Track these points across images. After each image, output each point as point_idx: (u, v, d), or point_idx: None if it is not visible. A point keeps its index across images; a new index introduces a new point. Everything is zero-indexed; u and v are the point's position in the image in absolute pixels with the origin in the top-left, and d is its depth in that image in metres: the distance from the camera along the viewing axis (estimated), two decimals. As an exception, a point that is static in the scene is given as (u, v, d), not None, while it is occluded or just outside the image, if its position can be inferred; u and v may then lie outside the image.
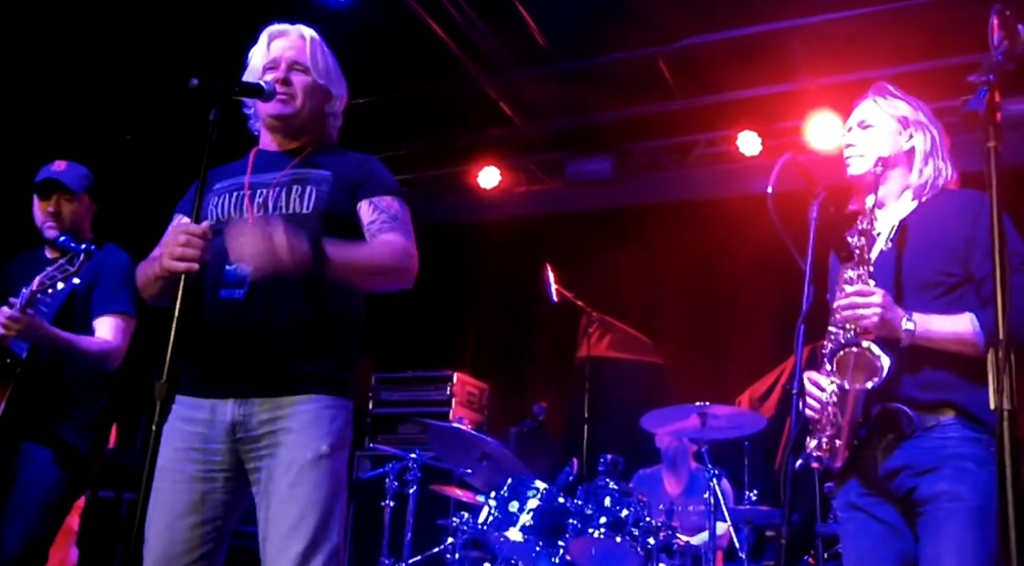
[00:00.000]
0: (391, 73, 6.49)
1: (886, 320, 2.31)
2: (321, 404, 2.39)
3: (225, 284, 2.41)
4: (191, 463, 2.38)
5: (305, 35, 2.64)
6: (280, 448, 2.34)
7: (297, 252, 2.21)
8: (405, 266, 2.47)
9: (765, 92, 6.25)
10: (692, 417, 4.55)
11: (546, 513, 4.27)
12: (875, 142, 2.58)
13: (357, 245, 2.46)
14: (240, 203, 2.51)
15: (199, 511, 2.36)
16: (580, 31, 6.02)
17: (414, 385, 6.62)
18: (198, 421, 2.39)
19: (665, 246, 7.20)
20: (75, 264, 3.07)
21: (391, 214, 2.53)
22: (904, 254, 2.48)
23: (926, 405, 2.34)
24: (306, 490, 2.31)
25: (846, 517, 2.51)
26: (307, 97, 2.57)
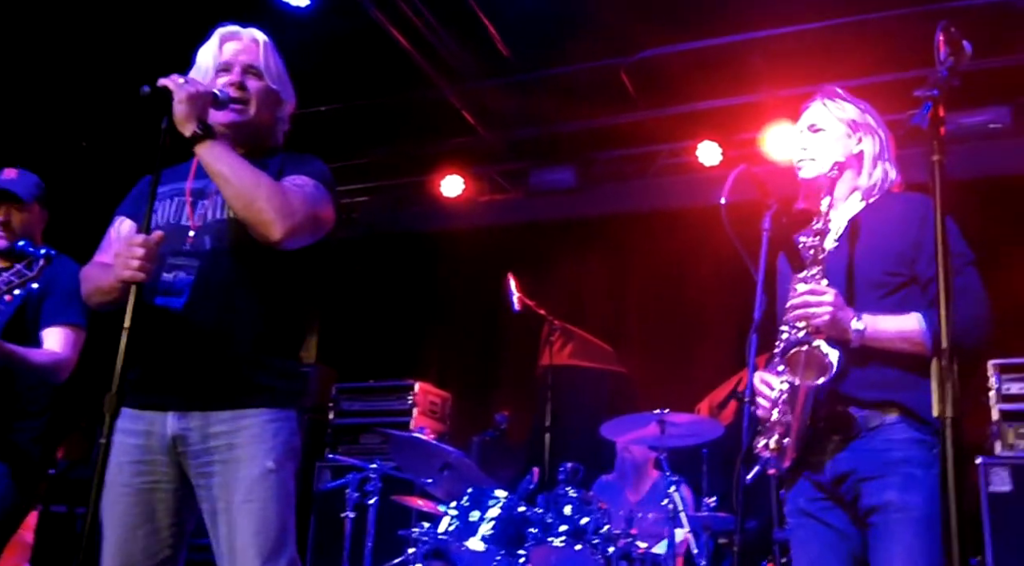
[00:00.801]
0: (354, 81, 6.49)
1: (837, 319, 2.34)
2: (264, 418, 2.36)
3: (163, 292, 2.37)
4: (136, 476, 2.35)
5: (258, 38, 2.60)
6: (226, 465, 2.32)
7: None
8: (280, 203, 2.30)
9: (725, 103, 6.31)
10: (651, 425, 4.58)
11: (507, 522, 4.27)
12: (826, 146, 2.61)
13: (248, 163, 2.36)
14: (181, 210, 2.48)
15: (153, 519, 2.35)
16: (543, 41, 6.05)
17: (376, 395, 6.60)
18: (138, 433, 2.36)
19: (628, 255, 7.25)
20: (34, 269, 3.00)
21: (296, 183, 2.43)
22: (852, 253, 2.51)
23: (872, 404, 2.37)
24: (258, 506, 2.29)
25: (796, 523, 2.52)
26: (260, 104, 2.54)
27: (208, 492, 2.33)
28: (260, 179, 2.33)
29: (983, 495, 4.76)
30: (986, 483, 4.77)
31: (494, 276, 6.24)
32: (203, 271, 2.39)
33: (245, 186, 2.30)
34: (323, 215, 2.44)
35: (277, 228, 2.29)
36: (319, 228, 2.43)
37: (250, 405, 2.36)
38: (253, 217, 2.30)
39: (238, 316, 2.39)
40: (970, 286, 2.38)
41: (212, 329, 2.36)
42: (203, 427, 2.34)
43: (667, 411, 4.52)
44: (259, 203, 2.29)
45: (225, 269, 2.40)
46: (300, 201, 2.36)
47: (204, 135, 2.32)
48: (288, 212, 2.31)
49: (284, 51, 2.70)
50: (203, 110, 2.34)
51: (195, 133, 2.31)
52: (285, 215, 2.30)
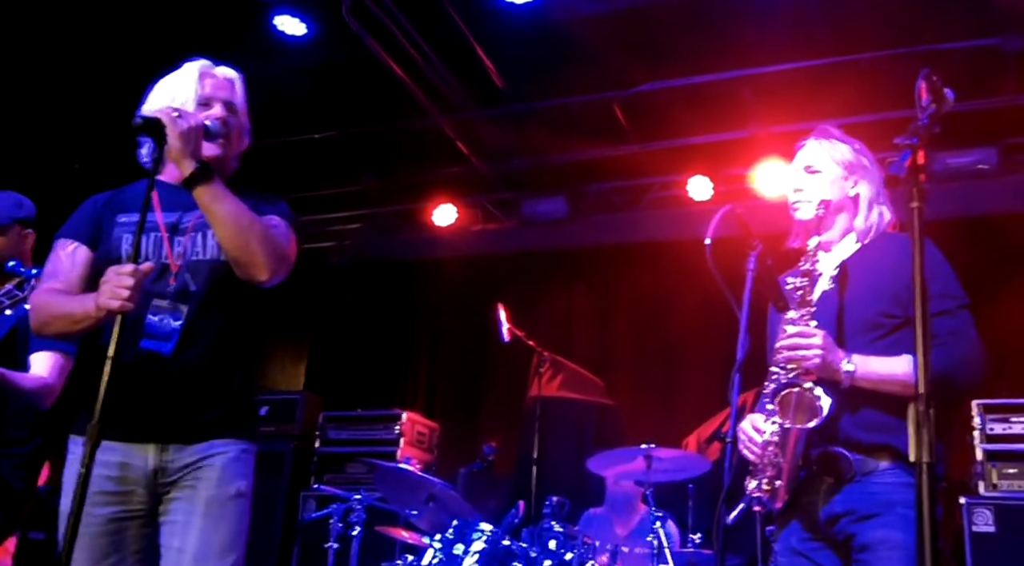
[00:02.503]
0: (349, 109, 6.53)
1: (827, 362, 2.34)
2: (238, 447, 2.42)
3: (150, 335, 2.38)
4: (104, 506, 2.35)
5: (231, 76, 2.62)
6: (200, 483, 2.35)
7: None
8: (271, 246, 2.36)
9: (716, 139, 6.37)
10: (638, 459, 4.57)
11: (491, 556, 4.23)
12: (822, 187, 2.63)
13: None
14: (159, 246, 2.45)
15: (120, 549, 2.36)
16: (537, 74, 6.12)
17: (363, 424, 6.57)
18: (111, 465, 2.36)
19: (618, 287, 7.28)
20: (25, 290, 2.98)
21: (272, 223, 2.48)
22: (846, 295, 2.52)
23: (865, 447, 2.37)
24: (227, 525, 2.34)
25: (787, 562, 2.51)
26: (236, 140, 2.58)
27: (176, 505, 2.36)
28: (254, 221, 2.37)
29: (967, 535, 4.75)
30: (970, 523, 4.76)
31: (483, 305, 6.25)
32: (191, 317, 2.40)
33: (241, 228, 2.33)
34: (292, 255, 2.50)
35: (265, 269, 2.36)
36: (289, 267, 2.48)
37: (225, 436, 2.41)
38: (245, 259, 2.35)
39: (217, 356, 2.43)
40: (963, 329, 2.40)
41: (201, 374, 2.40)
42: (182, 457, 2.37)
43: (654, 446, 4.51)
44: (252, 245, 2.34)
45: (204, 311, 2.42)
46: (284, 245, 2.44)
47: (203, 175, 2.32)
48: (277, 255, 2.38)
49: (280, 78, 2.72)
50: (197, 146, 2.34)
51: (193, 173, 2.31)
52: (274, 258, 2.37)
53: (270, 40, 5.58)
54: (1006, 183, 5.97)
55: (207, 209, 2.34)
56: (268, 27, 5.54)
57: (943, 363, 2.25)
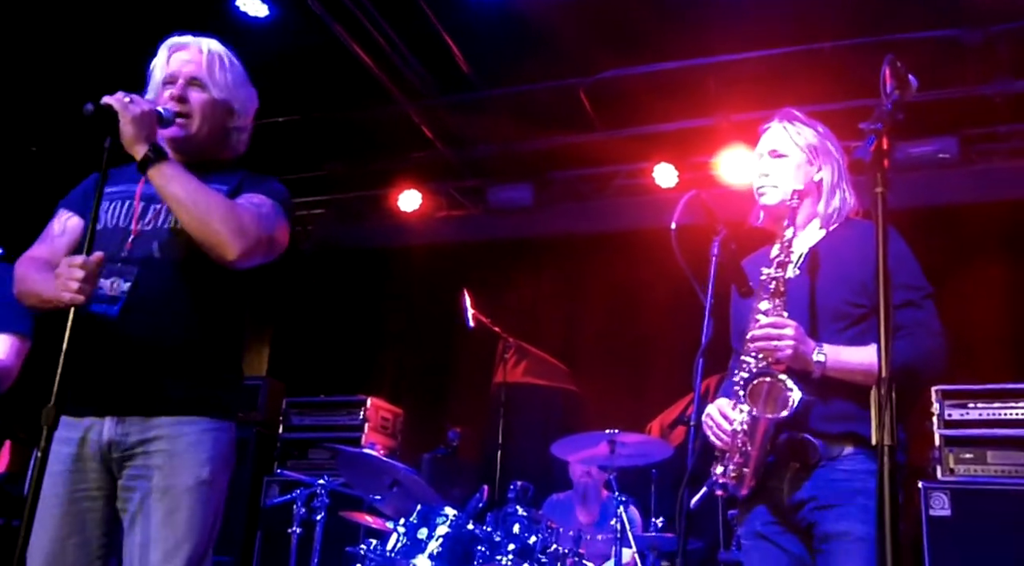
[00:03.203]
0: (313, 93, 6.47)
1: (799, 353, 2.35)
2: (202, 427, 2.35)
3: (99, 298, 2.33)
4: (66, 484, 2.31)
5: (204, 48, 2.55)
6: (158, 471, 2.29)
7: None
8: (235, 224, 2.29)
9: (682, 126, 6.39)
10: (602, 444, 4.58)
11: (455, 540, 4.23)
12: (788, 172, 2.63)
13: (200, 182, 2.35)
14: (129, 214, 2.45)
15: (83, 531, 2.31)
16: (503, 60, 6.09)
17: (326, 410, 6.55)
18: (71, 441, 2.32)
19: (583, 275, 7.29)
20: None
21: (254, 202, 2.43)
22: (813, 283, 2.53)
23: (832, 436, 2.39)
24: (185, 515, 2.27)
25: (751, 545, 2.53)
26: (204, 117, 2.50)
27: (134, 495, 2.30)
28: (213, 200, 2.32)
29: (923, 519, 4.83)
30: (927, 507, 4.85)
31: (449, 292, 6.24)
32: (141, 278, 2.36)
33: (199, 208, 2.29)
34: (278, 237, 2.43)
35: (232, 249, 2.28)
36: (273, 249, 2.42)
37: (189, 413, 2.34)
38: (208, 239, 2.29)
39: (175, 325, 2.36)
40: (927, 320, 2.43)
41: (148, 337, 2.33)
42: (140, 431, 2.31)
43: (617, 431, 4.53)
44: (214, 225, 2.28)
45: (163, 278, 2.38)
46: (254, 221, 2.35)
47: (156, 157, 2.29)
48: (241, 232, 2.30)
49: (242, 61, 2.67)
50: (151, 131, 2.32)
51: (146, 156, 2.29)
52: (239, 235, 2.29)
53: (232, 22, 5.51)
54: (966, 173, 6.06)
55: (162, 191, 2.31)
56: (230, 8, 5.47)
57: (909, 354, 2.28)
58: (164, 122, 2.41)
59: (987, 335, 5.66)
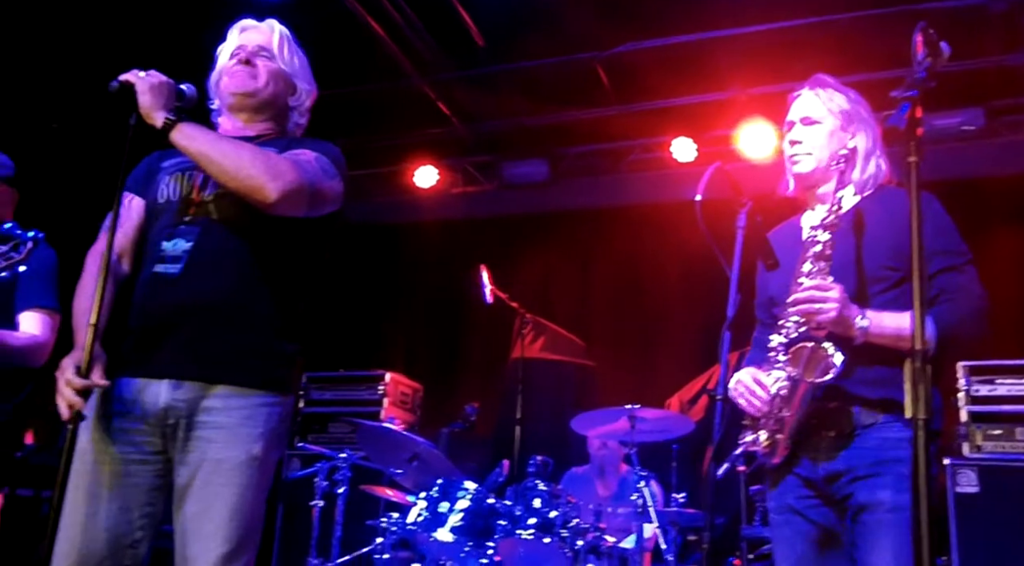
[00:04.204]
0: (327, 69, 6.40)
1: (842, 316, 2.31)
2: (259, 401, 2.31)
3: (160, 259, 2.35)
4: (113, 447, 2.28)
5: (274, 27, 2.64)
6: (211, 443, 2.26)
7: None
8: (265, 165, 2.26)
9: (699, 100, 6.34)
10: (621, 420, 4.58)
11: (475, 514, 4.26)
12: (821, 140, 2.59)
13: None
14: (188, 183, 2.45)
15: (123, 497, 2.27)
16: (519, 34, 6.04)
17: (346, 384, 6.56)
18: (125, 401, 2.29)
19: (599, 250, 7.28)
20: (21, 252, 2.95)
21: (295, 154, 2.41)
22: (850, 247, 2.49)
23: (866, 401, 2.36)
24: (236, 491, 2.24)
25: (781, 520, 2.50)
26: (271, 79, 2.54)
27: (186, 468, 2.27)
28: (241, 146, 2.31)
29: (950, 496, 4.80)
30: (954, 484, 4.82)
31: (465, 268, 6.23)
32: (201, 240, 2.35)
33: (226, 156, 2.27)
34: (324, 188, 2.38)
35: (269, 190, 2.24)
36: (317, 201, 2.37)
37: (247, 384, 2.31)
38: (243, 184, 2.26)
39: (235, 288, 2.34)
40: (968, 284, 2.41)
41: (207, 297, 2.32)
42: (196, 400, 2.28)
43: (638, 406, 4.53)
44: (245, 169, 2.25)
45: (223, 241, 2.36)
46: (291, 167, 2.30)
47: (175, 120, 2.29)
48: (277, 174, 2.25)
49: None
50: (168, 99, 2.32)
51: (166, 121, 2.28)
52: (274, 177, 2.24)
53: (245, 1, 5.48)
54: (992, 145, 5.98)
55: (188, 151, 2.30)
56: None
57: (951, 318, 2.27)
58: (186, 99, 2.41)
59: (1013, 310, 5.59)
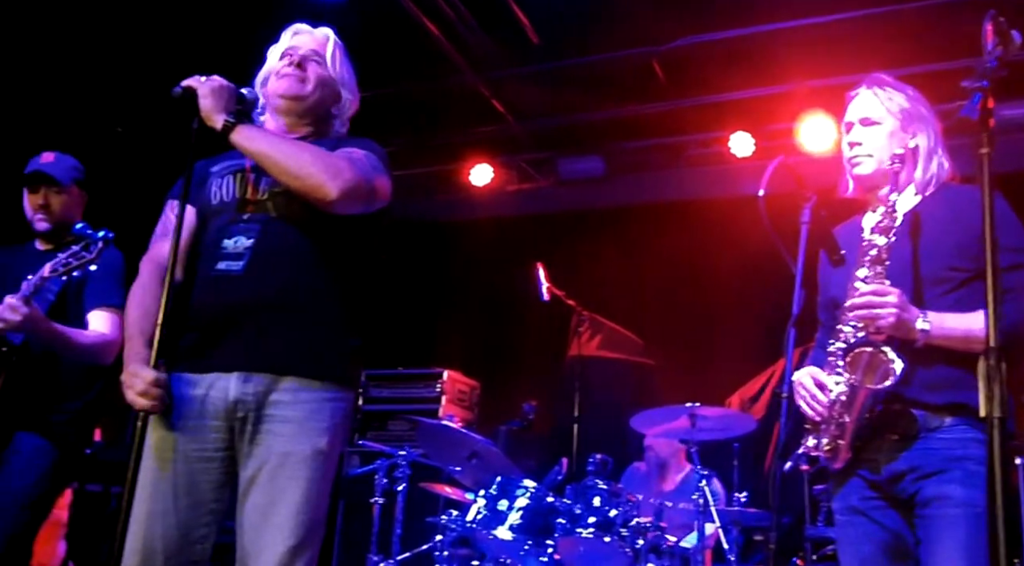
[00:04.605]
0: (383, 69, 6.47)
1: (902, 320, 2.28)
2: (325, 395, 2.34)
3: (222, 257, 2.38)
4: (182, 443, 2.31)
5: (329, 36, 2.67)
6: (279, 437, 2.28)
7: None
8: (325, 164, 2.31)
9: (758, 93, 6.25)
10: (682, 418, 4.55)
11: (535, 512, 4.27)
12: (881, 141, 2.55)
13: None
14: (242, 184, 2.49)
15: (193, 493, 2.30)
16: (573, 30, 6.02)
17: (404, 382, 6.61)
18: (193, 398, 2.32)
19: (655, 246, 7.22)
20: (92, 251, 3.04)
21: (347, 152, 2.44)
22: (913, 248, 2.45)
23: (933, 406, 2.32)
24: (303, 484, 2.27)
25: (846, 521, 2.48)
26: (318, 83, 2.57)
27: (253, 461, 2.29)
28: (301, 146, 2.36)
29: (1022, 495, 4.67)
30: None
31: (521, 265, 6.24)
32: (262, 237, 2.38)
33: (287, 157, 2.32)
34: (377, 184, 2.42)
35: (330, 189, 2.28)
36: (373, 197, 2.41)
37: (314, 377, 2.34)
38: (304, 183, 2.30)
39: (298, 283, 2.38)
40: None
41: (271, 292, 2.35)
42: (265, 393, 2.30)
43: (698, 405, 4.48)
44: (306, 168, 2.29)
45: (285, 235, 2.39)
46: (348, 165, 2.34)
47: (235, 121, 2.34)
48: (337, 173, 2.29)
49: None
50: (228, 102, 2.36)
51: (226, 123, 2.33)
52: (335, 176, 2.29)
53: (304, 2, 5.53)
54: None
55: (248, 151, 2.34)
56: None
57: (1017, 317, 2.21)
58: (247, 103, 2.46)
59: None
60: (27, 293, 3.06)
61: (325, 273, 2.41)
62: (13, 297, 3.05)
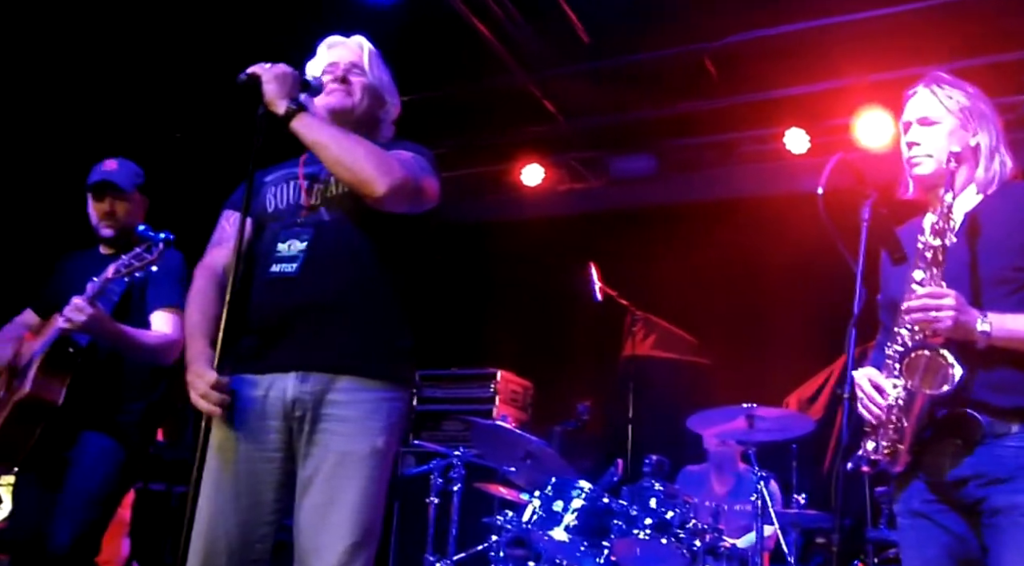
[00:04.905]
0: (433, 70, 6.50)
1: (960, 323, 2.22)
2: (381, 395, 2.38)
3: (276, 260, 2.44)
4: (243, 443, 2.35)
5: (362, 44, 2.73)
6: (337, 436, 2.32)
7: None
8: (378, 160, 2.35)
9: (813, 89, 6.15)
10: (739, 419, 4.50)
11: (590, 513, 4.25)
12: (940, 140, 2.50)
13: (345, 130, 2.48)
14: (296, 191, 2.55)
15: (254, 492, 2.34)
16: (624, 28, 5.98)
17: (458, 382, 6.63)
18: (253, 399, 2.37)
19: (709, 244, 7.14)
20: (153, 252, 3.11)
21: (396, 153, 2.49)
22: (972, 249, 2.40)
23: (998, 410, 2.26)
24: (361, 483, 2.30)
25: (908, 524, 2.43)
26: (364, 95, 2.62)
27: (311, 460, 2.33)
28: (356, 139, 2.41)
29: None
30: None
31: (572, 265, 6.22)
32: (315, 239, 2.44)
33: (342, 147, 2.36)
34: (424, 184, 2.46)
35: (379, 184, 2.32)
36: (420, 197, 2.46)
37: (370, 376, 2.37)
38: (354, 175, 2.35)
39: (351, 283, 2.42)
40: None
41: (326, 293, 2.39)
42: (323, 392, 2.34)
43: (755, 405, 4.43)
44: (359, 162, 2.34)
45: (338, 237, 2.45)
46: (399, 164, 2.40)
47: (297, 109, 2.38)
48: (387, 169, 2.35)
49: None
50: (292, 89, 2.42)
51: (288, 109, 2.37)
52: (385, 172, 2.34)
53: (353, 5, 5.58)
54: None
55: (305, 139, 2.39)
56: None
57: None
58: (312, 89, 2.53)
59: None
60: (92, 294, 3.13)
61: (378, 274, 2.45)
62: (79, 298, 3.12)
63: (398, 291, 2.49)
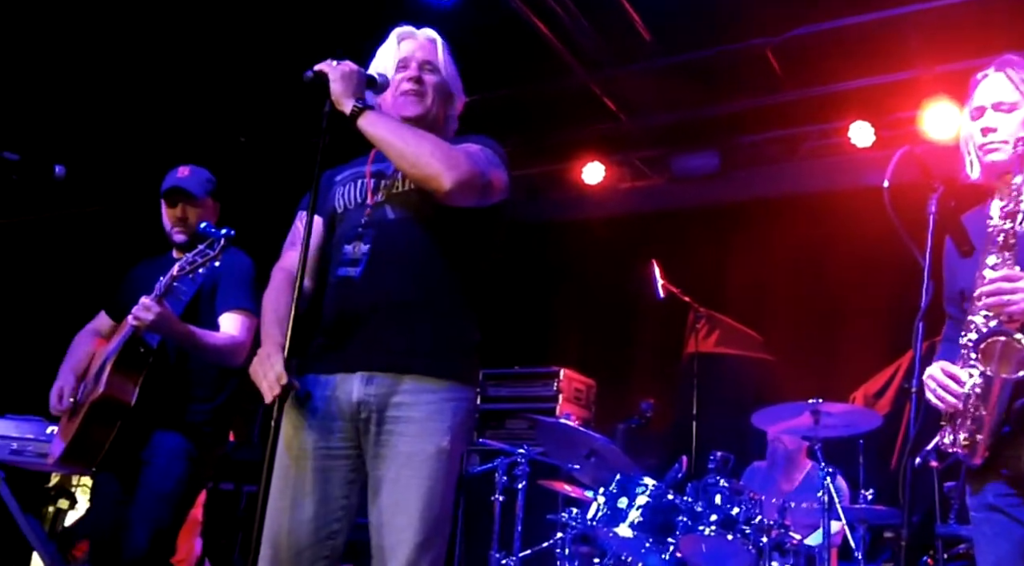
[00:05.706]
0: (494, 70, 6.53)
1: None
2: (446, 394, 2.38)
3: (342, 263, 2.47)
4: (311, 442, 2.39)
5: (433, 37, 2.70)
6: (402, 437, 2.34)
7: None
8: (444, 154, 2.35)
9: (877, 81, 6.06)
10: (805, 415, 4.46)
11: (655, 510, 4.25)
12: (1017, 125, 2.44)
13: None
14: (362, 190, 2.57)
15: (322, 490, 2.37)
16: (685, 24, 5.95)
17: (521, 381, 6.65)
18: (321, 398, 2.40)
19: (773, 241, 7.08)
20: (215, 249, 3.15)
21: (463, 145, 2.48)
22: None
23: None
24: (427, 483, 2.31)
25: (982, 518, 2.40)
26: (436, 96, 2.61)
27: (378, 461, 2.36)
28: (422, 134, 2.42)
29: None
30: None
31: (635, 263, 6.22)
32: (379, 241, 2.46)
33: (408, 143, 2.38)
34: (493, 178, 2.45)
35: (445, 178, 2.32)
36: (488, 190, 2.44)
37: (435, 374, 2.38)
38: (421, 171, 2.36)
39: (415, 282, 2.43)
40: None
41: (391, 295, 2.41)
42: (387, 394, 2.36)
43: (821, 401, 4.39)
44: (424, 157, 2.35)
45: (400, 239, 2.46)
46: (466, 158, 2.39)
47: (363, 108, 2.40)
48: (454, 163, 2.34)
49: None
50: (358, 87, 2.44)
51: (354, 108, 2.40)
52: (451, 166, 2.33)
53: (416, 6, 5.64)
54: None
55: (371, 136, 2.41)
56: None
57: None
58: (377, 87, 2.54)
59: None
60: (159, 293, 3.18)
61: (441, 273, 2.46)
62: (147, 297, 3.18)
63: (464, 288, 2.50)
